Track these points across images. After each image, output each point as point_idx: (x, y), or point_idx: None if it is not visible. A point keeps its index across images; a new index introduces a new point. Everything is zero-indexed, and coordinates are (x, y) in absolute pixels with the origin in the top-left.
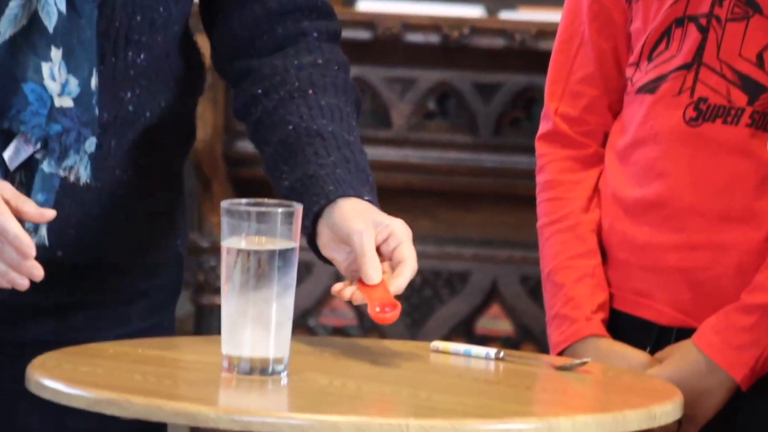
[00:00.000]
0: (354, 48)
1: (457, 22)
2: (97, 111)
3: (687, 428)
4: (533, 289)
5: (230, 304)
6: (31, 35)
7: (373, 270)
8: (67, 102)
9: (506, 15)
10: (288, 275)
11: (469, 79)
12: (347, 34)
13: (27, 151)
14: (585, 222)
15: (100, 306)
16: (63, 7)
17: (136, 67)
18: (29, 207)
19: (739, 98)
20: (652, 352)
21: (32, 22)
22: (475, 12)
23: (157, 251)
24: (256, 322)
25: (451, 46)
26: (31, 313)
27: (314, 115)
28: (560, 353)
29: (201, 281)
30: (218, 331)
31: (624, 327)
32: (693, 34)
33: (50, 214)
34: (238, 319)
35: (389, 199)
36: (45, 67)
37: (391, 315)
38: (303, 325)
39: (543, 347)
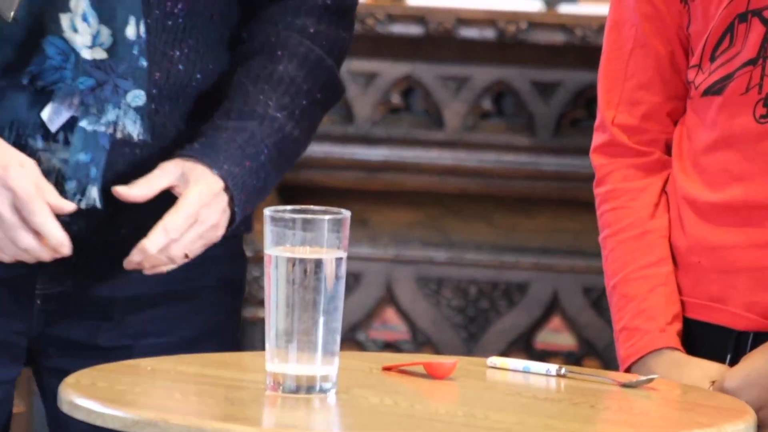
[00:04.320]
0: (405, 44)
1: (514, 17)
2: (143, 63)
3: None
4: (596, 300)
5: (275, 317)
6: None
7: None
8: (99, 54)
9: (566, 8)
10: (336, 286)
11: (526, 77)
12: (397, 29)
13: (69, 111)
14: (653, 229)
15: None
16: None
17: (175, 18)
18: (50, 196)
19: None
20: (732, 361)
21: None
22: (533, 5)
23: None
24: (302, 336)
25: (507, 41)
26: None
27: (263, 76)
28: (629, 367)
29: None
30: (262, 346)
31: (697, 336)
32: (757, 28)
33: (69, 207)
34: (283, 334)
35: (443, 205)
36: (64, 18)
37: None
38: (352, 339)
39: (607, 363)
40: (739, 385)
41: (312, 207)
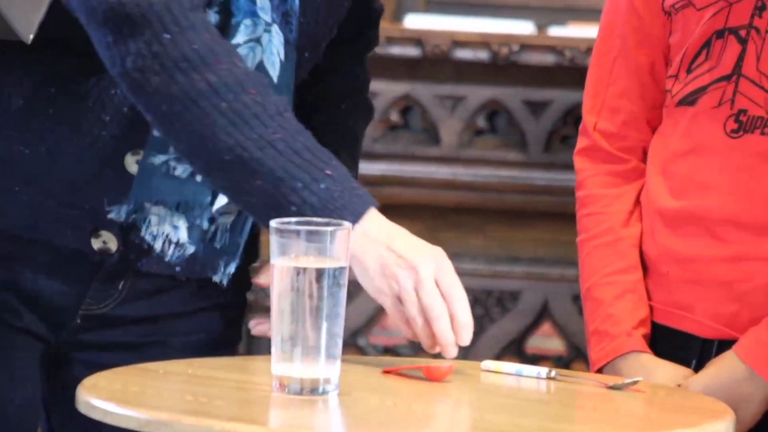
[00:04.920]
0: (402, 65)
1: (507, 39)
2: None
3: None
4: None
5: (280, 323)
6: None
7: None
8: None
9: (556, 31)
10: (338, 294)
11: (518, 96)
12: (395, 50)
13: None
14: (626, 237)
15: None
16: (282, 56)
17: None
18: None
19: None
20: (697, 366)
21: (258, 70)
22: (525, 28)
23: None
24: (305, 342)
25: (500, 62)
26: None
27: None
28: (599, 370)
29: (250, 301)
30: (269, 351)
31: (665, 341)
32: (733, 46)
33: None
34: (288, 339)
35: (439, 217)
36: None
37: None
38: (353, 344)
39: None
40: (702, 391)
41: (315, 219)
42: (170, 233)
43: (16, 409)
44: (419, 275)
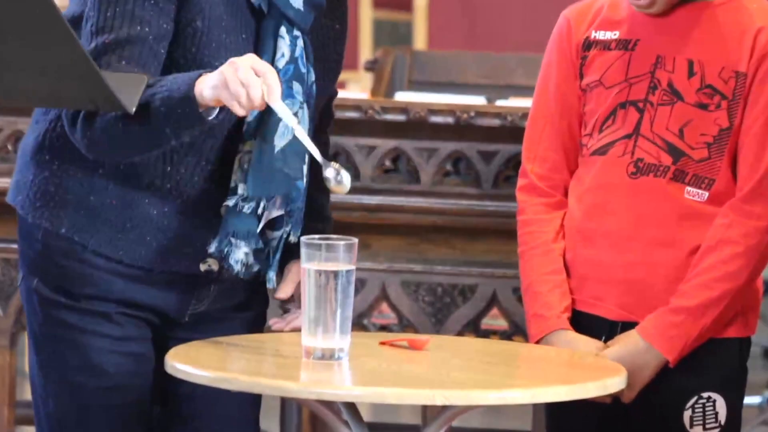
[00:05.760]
0: (393, 127)
1: (466, 108)
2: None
3: (627, 393)
4: (520, 297)
5: (308, 309)
6: (296, 144)
7: None
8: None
9: (501, 102)
10: (348, 288)
11: (475, 148)
12: (388, 116)
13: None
14: (554, 249)
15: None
16: (308, 123)
17: None
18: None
19: (666, 159)
20: (606, 340)
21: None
22: (479, 101)
23: None
24: (326, 322)
25: (462, 124)
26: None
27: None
28: (537, 342)
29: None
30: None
31: (584, 322)
32: (633, 114)
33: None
34: (313, 320)
35: (419, 234)
36: (305, 168)
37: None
38: (358, 323)
39: (527, 338)
40: (613, 359)
41: (332, 236)
42: (242, 258)
43: (143, 379)
44: (236, 63)
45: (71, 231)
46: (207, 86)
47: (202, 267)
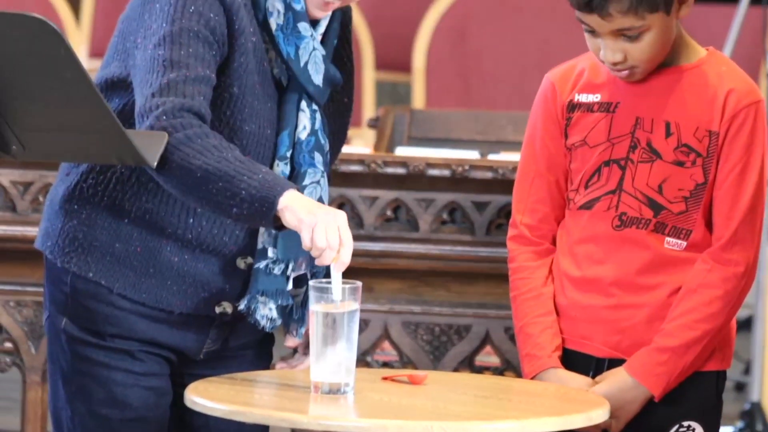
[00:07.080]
0: (394, 179)
1: (461, 162)
2: None
3: (615, 425)
4: (512, 336)
5: (316, 346)
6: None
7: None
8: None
9: (493, 156)
10: (353, 328)
11: (469, 199)
12: (389, 170)
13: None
14: (544, 293)
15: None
16: (327, 189)
17: None
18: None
19: (647, 213)
20: (593, 376)
21: (319, 201)
22: (473, 155)
23: None
24: (332, 359)
25: (457, 177)
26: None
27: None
28: (531, 379)
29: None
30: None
31: (573, 360)
32: (616, 171)
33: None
34: (320, 357)
35: (419, 278)
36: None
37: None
38: (362, 360)
39: (519, 374)
40: (601, 395)
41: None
42: (268, 314)
43: (162, 411)
44: (331, 219)
45: (98, 275)
46: (293, 211)
47: (218, 309)
